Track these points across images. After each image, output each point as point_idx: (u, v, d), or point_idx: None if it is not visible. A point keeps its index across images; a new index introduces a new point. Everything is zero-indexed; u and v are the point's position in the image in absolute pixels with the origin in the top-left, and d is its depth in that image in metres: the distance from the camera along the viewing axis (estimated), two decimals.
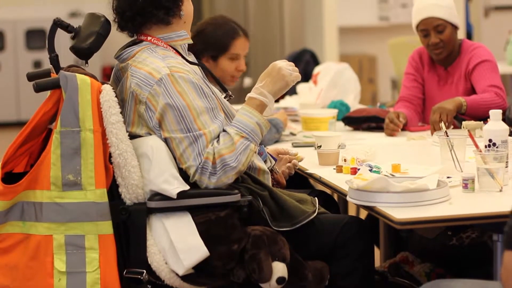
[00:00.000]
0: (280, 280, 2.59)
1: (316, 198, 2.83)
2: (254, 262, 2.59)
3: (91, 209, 2.56)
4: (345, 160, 3.05)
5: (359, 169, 2.81)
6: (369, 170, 2.83)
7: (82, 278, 2.56)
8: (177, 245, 2.58)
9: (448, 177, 2.78)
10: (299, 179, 3.38)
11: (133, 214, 2.62)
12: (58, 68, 2.73)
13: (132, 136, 2.67)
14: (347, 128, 4.05)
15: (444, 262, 3.39)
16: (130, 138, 2.64)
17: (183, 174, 2.66)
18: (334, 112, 4.00)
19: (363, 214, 3.90)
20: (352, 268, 2.71)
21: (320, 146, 3.17)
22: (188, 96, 2.67)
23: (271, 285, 2.59)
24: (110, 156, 2.60)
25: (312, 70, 4.85)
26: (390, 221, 2.40)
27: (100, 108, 2.59)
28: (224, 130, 2.69)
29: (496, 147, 2.75)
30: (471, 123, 3.49)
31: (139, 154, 2.64)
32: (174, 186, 2.60)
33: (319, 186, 3.30)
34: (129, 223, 2.62)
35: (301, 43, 8.55)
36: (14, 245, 2.61)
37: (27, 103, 9.97)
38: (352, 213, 4.10)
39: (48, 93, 2.64)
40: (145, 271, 2.61)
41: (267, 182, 2.85)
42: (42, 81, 2.63)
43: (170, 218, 2.62)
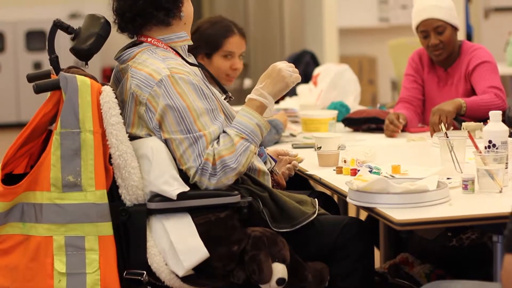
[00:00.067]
0: (280, 281, 2.59)
1: (316, 199, 2.83)
2: (254, 263, 2.59)
3: (91, 210, 2.56)
4: (345, 161, 3.05)
5: (359, 170, 2.81)
6: (369, 171, 2.83)
7: (82, 279, 2.56)
8: (177, 246, 2.58)
9: (448, 178, 2.78)
10: (299, 180, 3.38)
11: (133, 215, 2.62)
12: (58, 69, 2.73)
13: (132, 137, 2.68)
14: (347, 129, 4.05)
15: (444, 263, 3.39)
16: (130, 139, 2.64)
17: (183, 175, 2.66)
18: (334, 113, 4.00)
19: (363, 215, 3.91)
20: (352, 269, 2.71)
21: (320, 147, 3.17)
22: (188, 97, 2.67)
23: (271, 286, 2.59)
24: (110, 157, 2.60)
25: (312, 71, 4.85)
26: (390, 222, 2.40)
27: (100, 109, 2.59)
28: (224, 131, 2.70)
29: (496, 148, 2.75)
30: (471, 124, 3.49)
31: (139, 155, 2.64)
32: (174, 187, 2.60)
33: (319, 187, 3.30)
34: (129, 224, 2.62)
35: (301, 44, 8.56)
36: (14, 246, 2.61)
37: (27, 105, 9.97)
38: (352, 214, 4.10)
39: (48, 95, 2.64)
40: (145, 272, 2.61)
41: (267, 183, 2.85)
42: (42, 83, 2.63)
43: (170, 219, 2.62)
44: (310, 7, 8.75)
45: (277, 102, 4.53)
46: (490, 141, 2.76)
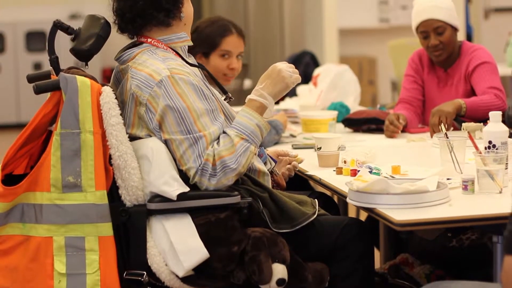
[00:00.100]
0: (280, 282, 2.59)
1: (316, 200, 2.83)
2: (254, 264, 2.59)
3: (91, 211, 2.56)
4: (345, 162, 3.05)
5: (359, 171, 2.81)
6: (369, 172, 2.83)
7: (82, 280, 2.56)
8: (177, 247, 2.58)
9: (448, 179, 2.78)
10: (299, 181, 3.38)
11: (133, 216, 2.62)
12: (58, 70, 2.73)
13: (132, 138, 2.68)
14: (347, 130, 4.05)
15: (444, 264, 3.39)
16: (130, 140, 2.64)
17: (183, 176, 2.66)
18: (334, 114, 4.00)
19: (363, 216, 3.91)
20: (352, 270, 2.71)
21: (320, 148, 3.17)
22: (188, 98, 2.67)
23: (271, 287, 2.59)
24: (110, 158, 2.60)
25: (312, 72, 4.85)
26: (390, 223, 2.40)
27: (100, 110, 2.59)
28: (224, 132, 2.70)
29: (496, 149, 2.75)
30: (471, 125, 3.49)
31: (139, 156, 2.64)
32: (174, 188, 2.60)
33: (319, 188, 3.30)
34: (129, 225, 2.62)
35: (301, 45, 8.56)
36: (14, 247, 2.61)
37: (27, 105, 9.98)
38: (352, 215, 4.10)
39: (48, 95, 2.64)
40: (145, 273, 2.61)
41: (267, 184, 2.85)
42: (42, 83, 2.63)
43: (170, 220, 2.62)
44: (310, 8, 8.75)
45: (277, 103, 4.53)
46: (490, 142, 2.76)
